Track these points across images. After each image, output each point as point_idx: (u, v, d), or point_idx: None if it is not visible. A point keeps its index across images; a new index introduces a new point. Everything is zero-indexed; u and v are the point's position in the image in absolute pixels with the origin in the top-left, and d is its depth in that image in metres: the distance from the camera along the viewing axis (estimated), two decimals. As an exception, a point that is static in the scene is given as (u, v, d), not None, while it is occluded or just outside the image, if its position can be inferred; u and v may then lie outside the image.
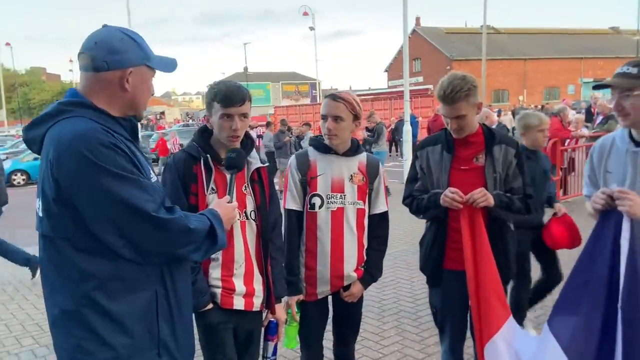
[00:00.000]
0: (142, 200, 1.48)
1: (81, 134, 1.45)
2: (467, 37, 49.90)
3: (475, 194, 2.40)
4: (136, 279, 1.55)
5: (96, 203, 1.45)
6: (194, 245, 1.58)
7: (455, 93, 2.43)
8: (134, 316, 1.55)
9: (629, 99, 2.04)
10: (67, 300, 1.52)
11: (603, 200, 2.00)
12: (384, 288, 5.24)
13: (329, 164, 2.51)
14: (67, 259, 1.50)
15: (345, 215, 2.50)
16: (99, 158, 1.43)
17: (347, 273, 2.50)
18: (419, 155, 2.74)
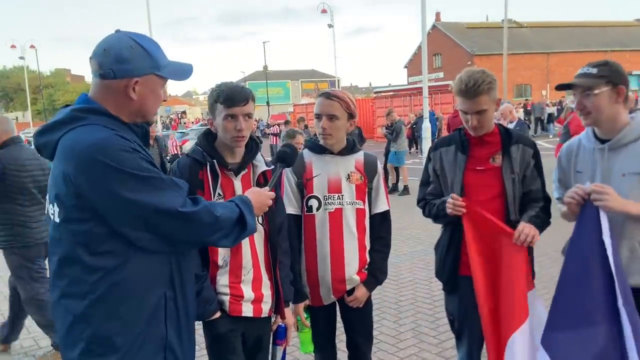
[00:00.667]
0: (169, 198, 1.51)
1: (101, 143, 1.46)
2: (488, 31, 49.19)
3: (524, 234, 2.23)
4: (146, 282, 1.56)
5: (123, 207, 1.47)
6: (223, 232, 1.62)
7: (477, 86, 2.34)
8: (143, 318, 1.55)
9: (590, 97, 2.14)
10: (78, 304, 1.52)
11: (579, 196, 2.09)
12: (401, 289, 5.17)
13: (324, 164, 2.45)
14: (81, 263, 1.50)
15: (344, 216, 2.43)
16: (121, 164, 1.45)
17: (348, 276, 2.43)
18: (432, 157, 2.66)
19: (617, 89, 2.13)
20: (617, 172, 2.15)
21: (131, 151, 1.49)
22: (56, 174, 1.52)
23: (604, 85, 2.13)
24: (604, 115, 2.15)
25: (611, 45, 51.10)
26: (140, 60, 1.57)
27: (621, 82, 2.15)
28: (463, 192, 2.47)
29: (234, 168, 2.18)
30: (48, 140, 1.56)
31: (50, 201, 1.56)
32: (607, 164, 2.18)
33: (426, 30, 12.49)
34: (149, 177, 1.50)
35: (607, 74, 2.14)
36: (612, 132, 2.18)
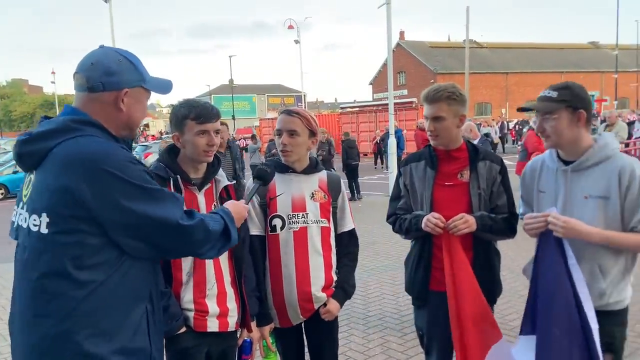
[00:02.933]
0: (170, 210, 1.54)
1: (106, 153, 1.48)
2: (450, 51, 50.57)
3: (457, 220, 2.35)
4: (132, 295, 1.56)
5: (125, 217, 1.47)
6: (211, 244, 1.65)
7: (437, 92, 2.42)
8: (128, 333, 1.54)
9: (550, 121, 2.16)
10: (60, 322, 1.46)
11: (541, 223, 2.14)
12: (369, 304, 5.16)
13: (288, 183, 2.43)
14: (68, 278, 1.46)
15: (310, 234, 2.40)
16: (127, 174, 1.47)
17: (314, 295, 2.39)
18: (402, 172, 2.68)
19: (577, 113, 2.14)
20: (580, 195, 2.17)
21: (135, 162, 1.52)
22: (47, 183, 1.48)
23: (563, 109, 2.14)
24: (564, 138, 2.17)
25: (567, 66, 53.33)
26: (128, 73, 1.61)
27: (582, 106, 2.15)
28: (432, 207, 2.50)
29: (197, 183, 2.20)
30: (36, 149, 1.52)
31: (31, 212, 1.51)
32: (570, 186, 2.20)
33: (392, 48, 12.70)
34: (151, 189, 1.53)
35: (568, 98, 2.15)
36: (575, 154, 2.19)
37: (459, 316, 2.29)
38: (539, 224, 2.14)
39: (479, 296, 2.32)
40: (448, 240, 2.39)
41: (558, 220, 2.07)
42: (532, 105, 2.27)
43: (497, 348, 2.29)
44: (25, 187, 1.58)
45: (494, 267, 2.54)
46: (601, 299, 2.13)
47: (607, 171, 2.12)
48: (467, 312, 2.30)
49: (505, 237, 2.55)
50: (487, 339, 2.30)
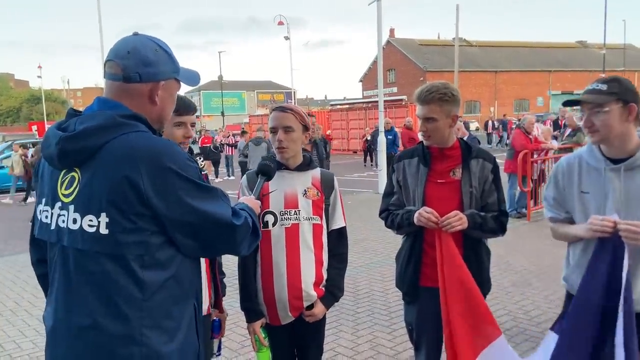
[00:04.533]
0: (224, 210, 1.54)
1: (167, 150, 1.46)
2: (440, 49, 50.76)
3: (451, 217, 2.36)
4: (185, 294, 1.55)
5: (185, 215, 1.46)
6: (248, 242, 1.64)
7: (429, 94, 2.43)
8: (183, 330, 1.53)
9: (599, 115, 2.05)
10: (123, 325, 1.41)
11: (609, 229, 1.99)
12: (358, 301, 5.18)
13: (281, 180, 2.43)
14: (132, 278, 1.41)
15: (301, 231, 2.41)
16: (187, 172, 1.46)
17: (305, 292, 2.39)
18: (395, 168, 2.70)
19: (628, 107, 2.04)
20: (637, 194, 2.05)
21: (192, 161, 1.51)
22: (104, 181, 1.40)
23: (614, 102, 2.04)
24: (613, 133, 2.06)
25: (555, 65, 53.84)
26: (164, 64, 1.55)
27: (633, 99, 2.05)
28: (424, 204, 2.51)
29: None
30: (86, 145, 1.43)
31: (85, 212, 1.43)
32: (624, 186, 2.06)
33: (382, 46, 12.73)
34: (208, 188, 1.53)
35: (618, 90, 2.05)
36: (623, 151, 2.09)
37: (450, 313, 2.30)
38: (606, 229, 2.00)
39: (474, 292, 2.33)
40: (440, 237, 2.41)
41: (637, 227, 1.92)
42: (581, 98, 2.12)
43: (495, 347, 2.29)
44: (62, 186, 1.48)
45: (483, 265, 2.56)
46: None
47: None
48: (458, 309, 2.31)
49: (494, 235, 2.57)
50: (482, 337, 2.30)
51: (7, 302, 5.57)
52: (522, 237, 6.98)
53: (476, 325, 2.30)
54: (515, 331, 4.31)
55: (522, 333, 4.26)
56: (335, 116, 28.81)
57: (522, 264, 6.02)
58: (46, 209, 1.53)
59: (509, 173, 9.00)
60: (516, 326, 4.41)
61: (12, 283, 6.31)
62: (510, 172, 9.00)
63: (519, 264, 6.01)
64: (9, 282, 6.34)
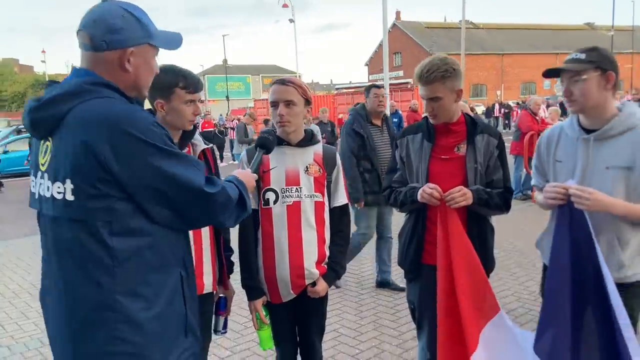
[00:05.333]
0: (193, 175, 1.48)
1: (128, 115, 1.42)
2: (446, 31, 50.21)
3: (454, 193, 2.31)
4: (165, 263, 1.53)
5: (150, 180, 1.43)
6: (229, 212, 1.60)
7: (431, 73, 2.35)
8: (165, 299, 1.51)
9: (578, 83, 2.08)
10: (97, 289, 1.42)
11: (561, 195, 2.05)
12: (362, 282, 5.16)
13: (282, 156, 2.38)
14: (101, 243, 1.42)
15: (303, 209, 2.36)
16: (150, 137, 1.42)
17: (307, 270, 2.36)
18: (399, 144, 2.64)
19: (606, 74, 2.07)
20: (601, 165, 2.09)
21: (157, 126, 1.46)
22: (68, 148, 1.41)
23: (592, 70, 2.06)
24: (592, 101, 2.08)
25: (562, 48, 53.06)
26: (133, 30, 1.50)
27: (611, 67, 2.08)
28: (428, 180, 2.46)
29: None
30: (50, 114, 1.44)
31: (54, 179, 1.44)
32: (591, 155, 2.11)
33: (387, 28, 12.56)
34: (175, 153, 1.48)
35: (596, 59, 2.07)
36: (599, 121, 2.12)
37: (453, 290, 2.26)
38: (558, 195, 2.06)
39: (477, 269, 2.29)
40: (444, 213, 2.36)
41: (584, 193, 1.98)
42: (559, 66, 2.17)
43: (494, 323, 2.26)
44: (41, 155, 1.51)
45: (487, 243, 2.51)
46: (619, 271, 2.08)
47: (632, 141, 2.05)
48: (461, 286, 2.26)
49: (499, 212, 2.51)
50: (483, 315, 2.27)
51: (10, 285, 5.59)
52: (527, 219, 6.89)
53: (477, 304, 2.26)
54: (521, 311, 4.28)
55: (527, 313, 4.23)
56: (340, 100, 28.62)
57: (527, 245, 5.98)
58: (33, 179, 1.57)
59: (515, 155, 8.90)
60: (521, 306, 4.37)
61: (15, 265, 6.33)
62: (517, 154, 8.89)
63: (524, 245, 5.97)
64: (12, 265, 6.36)
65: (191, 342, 1.61)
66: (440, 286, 2.30)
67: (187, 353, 1.59)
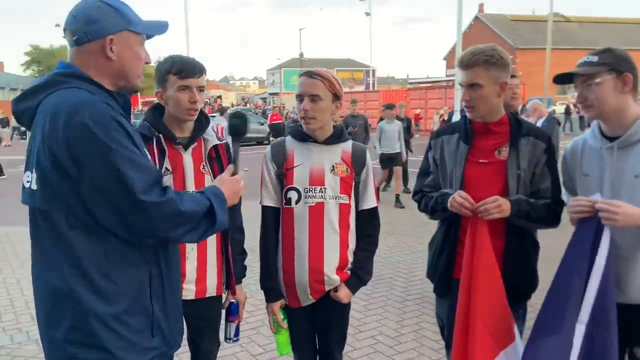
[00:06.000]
0: (136, 179, 1.40)
1: (82, 104, 1.41)
2: (533, 24, 47.60)
3: (488, 203, 2.05)
4: (130, 259, 1.50)
5: (92, 176, 1.39)
6: (187, 227, 1.49)
7: (474, 56, 2.11)
8: (129, 296, 1.49)
9: (592, 88, 1.92)
10: (60, 279, 1.45)
11: (586, 208, 1.86)
12: (409, 287, 4.91)
13: (307, 153, 2.22)
14: (61, 235, 1.44)
15: (326, 211, 2.19)
16: (99, 129, 1.38)
17: (327, 276, 2.19)
18: (432, 145, 2.39)
19: (622, 76, 1.90)
20: (629, 174, 1.89)
21: (110, 120, 1.41)
22: (38, 138, 1.45)
23: (606, 73, 1.90)
24: (608, 106, 1.91)
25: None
26: (109, 19, 1.53)
27: (627, 68, 1.90)
28: (463, 186, 2.21)
29: (183, 142, 2.13)
30: (28, 106, 1.51)
31: (29, 168, 1.50)
32: (617, 165, 1.92)
33: (462, 21, 12.03)
34: (118, 151, 1.39)
35: (610, 60, 1.91)
36: (620, 127, 1.93)
37: (468, 310, 2.02)
38: (582, 209, 1.86)
39: (498, 292, 2.03)
40: (475, 224, 2.11)
41: (611, 206, 1.78)
42: (570, 71, 2.00)
43: (507, 354, 2.01)
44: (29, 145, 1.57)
45: (528, 260, 2.22)
46: None
47: None
48: (478, 307, 2.02)
49: (545, 227, 2.22)
50: (497, 341, 2.02)
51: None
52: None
53: (492, 328, 2.01)
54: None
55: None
56: (413, 95, 28.00)
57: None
58: None
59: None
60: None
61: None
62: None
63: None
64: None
65: (158, 343, 1.57)
66: (460, 305, 2.06)
67: (153, 353, 1.55)
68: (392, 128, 9.23)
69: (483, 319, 1.99)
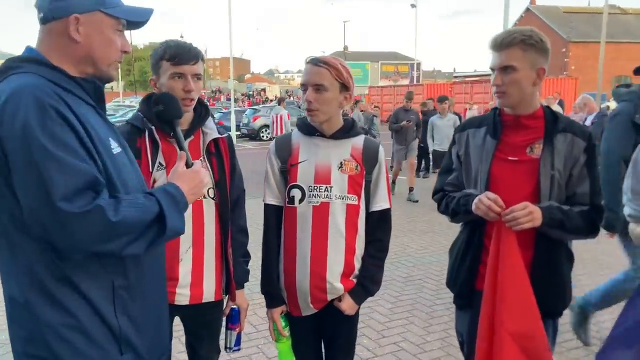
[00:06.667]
0: (54, 181, 1.21)
1: (21, 89, 1.26)
2: (588, 17, 45.43)
3: (517, 211, 1.81)
4: (86, 267, 1.33)
5: (15, 172, 1.24)
6: (125, 239, 1.30)
7: (511, 35, 1.88)
8: (88, 310, 1.34)
9: None
10: (16, 287, 1.34)
11: None
12: (439, 291, 4.64)
13: (313, 148, 2.02)
14: (11, 240, 1.31)
15: (332, 211, 1.99)
16: (32, 117, 1.23)
17: (329, 284, 1.99)
18: (457, 140, 2.16)
19: None
20: None
21: (49, 107, 1.25)
22: None
23: None
24: None
25: None
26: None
27: None
28: (489, 186, 1.98)
29: None
30: None
31: None
32: None
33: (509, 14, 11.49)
34: (49, 147, 1.22)
35: None
36: None
37: (497, 328, 1.79)
38: None
39: (530, 307, 1.80)
40: (500, 230, 1.87)
41: None
42: None
43: None
44: None
45: (560, 273, 1.96)
46: None
47: None
48: (506, 323, 1.80)
49: (581, 237, 1.96)
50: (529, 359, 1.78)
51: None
52: None
53: (527, 347, 1.77)
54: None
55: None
56: (457, 89, 27.21)
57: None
58: None
59: None
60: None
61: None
62: None
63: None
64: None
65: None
66: (482, 319, 1.84)
67: None
68: (444, 123, 8.77)
69: (513, 335, 1.77)
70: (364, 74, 60.42)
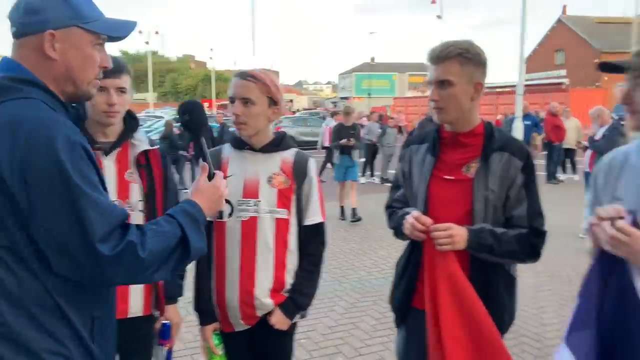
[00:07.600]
0: (92, 221, 1.18)
1: (48, 126, 1.19)
2: (622, 27, 44.24)
3: (438, 230, 1.79)
4: (78, 300, 1.30)
5: (47, 212, 1.18)
6: (152, 269, 1.28)
7: (446, 49, 1.84)
8: (74, 339, 1.29)
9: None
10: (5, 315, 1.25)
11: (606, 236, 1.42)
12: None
13: (242, 162, 2.03)
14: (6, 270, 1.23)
15: (260, 226, 1.99)
16: (67, 160, 1.17)
17: (258, 299, 1.99)
18: (401, 156, 2.15)
19: None
20: None
21: (79, 148, 1.21)
22: None
23: None
24: None
25: None
26: (54, 10, 1.29)
27: None
28: (427, 205, 1.96)
29: (106, 147, 1.98)
30: None
31: None
32: None
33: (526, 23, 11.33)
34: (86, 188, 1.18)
35: None
36: None
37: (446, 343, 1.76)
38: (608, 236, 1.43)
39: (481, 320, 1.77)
40: (430, 248, 1.85)
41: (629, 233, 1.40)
42: (619, 61, 1.61)
43: None
44: None
45: (496, 297, 1.89)
46: None
47: None
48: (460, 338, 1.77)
49: (517, 262, 1.92)
50: None
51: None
52: None
53: None
54: None
55: None
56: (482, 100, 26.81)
57: None
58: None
59: None
60: None
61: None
62: None
63: None
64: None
65: None
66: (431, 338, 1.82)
67: None
68: None
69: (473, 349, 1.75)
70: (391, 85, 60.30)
